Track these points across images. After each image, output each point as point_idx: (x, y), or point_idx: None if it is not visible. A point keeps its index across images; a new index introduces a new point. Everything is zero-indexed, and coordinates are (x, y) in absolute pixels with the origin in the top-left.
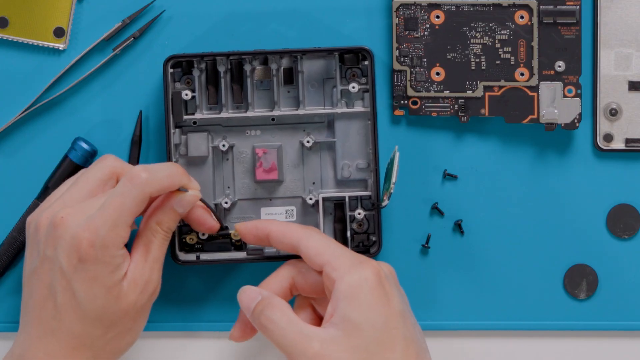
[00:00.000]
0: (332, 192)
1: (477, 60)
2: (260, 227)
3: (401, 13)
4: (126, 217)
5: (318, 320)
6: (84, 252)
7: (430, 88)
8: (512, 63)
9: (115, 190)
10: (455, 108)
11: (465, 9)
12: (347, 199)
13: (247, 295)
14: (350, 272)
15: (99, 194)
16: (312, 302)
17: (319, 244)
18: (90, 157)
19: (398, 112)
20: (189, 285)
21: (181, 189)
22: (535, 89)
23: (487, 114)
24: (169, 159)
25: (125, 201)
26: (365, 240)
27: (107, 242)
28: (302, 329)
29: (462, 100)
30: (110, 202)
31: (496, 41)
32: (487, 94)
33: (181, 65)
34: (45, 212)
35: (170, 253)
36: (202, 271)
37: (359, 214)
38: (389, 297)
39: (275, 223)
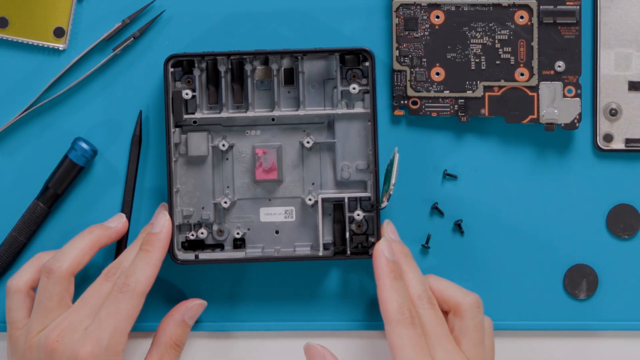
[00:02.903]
0: (332, 193)
1: (477, 60)
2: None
3: (401, 13)
4: (124, 323)
5: None
6: None
7: (430, 88)
8: (512, 63)
9: (109, 300)
10: (455, 108)
11: (465, 9)
12: (346, 200)
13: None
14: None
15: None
16: None
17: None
18: (90, 157)
19: (398, 112)
20: (188, 284)
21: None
22: (535, 89)
23: (487, 114)
24: (168, 158)
25: (121, 307)
26: (364, 242)
27: (110, 349)
28: None
29: (462, 100)
30: (105, 313)
31: (496, 41)
32: (487, 94)
33: (182, 65)
34: (28, 335)
35: (170, 252)
36: (201, 270)
37: (358, 215)
38: None
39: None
